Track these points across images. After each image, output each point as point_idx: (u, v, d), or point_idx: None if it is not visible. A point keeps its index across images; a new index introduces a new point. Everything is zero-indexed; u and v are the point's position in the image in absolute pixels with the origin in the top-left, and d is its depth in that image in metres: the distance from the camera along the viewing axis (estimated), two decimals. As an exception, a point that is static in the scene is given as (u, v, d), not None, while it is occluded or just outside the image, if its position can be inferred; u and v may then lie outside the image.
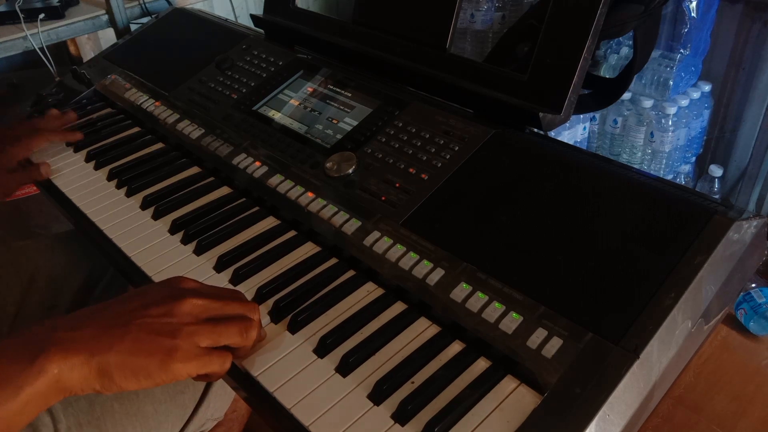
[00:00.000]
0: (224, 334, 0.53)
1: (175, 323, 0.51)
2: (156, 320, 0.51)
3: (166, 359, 0.50)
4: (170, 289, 0.54)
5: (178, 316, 0.52)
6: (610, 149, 1.73)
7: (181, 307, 0.52)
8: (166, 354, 0.50)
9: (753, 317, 1.20)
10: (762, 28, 1.52)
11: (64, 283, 0.93)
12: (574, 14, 0.69)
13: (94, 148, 0.93)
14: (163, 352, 0.50)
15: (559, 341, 0.52)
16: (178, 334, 0.51)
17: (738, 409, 0.73)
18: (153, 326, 0.50)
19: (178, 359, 0.50)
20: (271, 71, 0.95)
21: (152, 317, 0.51)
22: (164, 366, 0.50)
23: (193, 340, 0.51)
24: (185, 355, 0.50)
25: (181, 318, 0.52)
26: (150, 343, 0.50)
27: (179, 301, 0.53)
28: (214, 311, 0.54)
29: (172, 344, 0.50)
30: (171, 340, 0.50)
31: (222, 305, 0.55)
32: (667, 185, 0.63)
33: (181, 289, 0.54)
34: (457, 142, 0.72)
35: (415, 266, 0.62)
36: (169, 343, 0.50)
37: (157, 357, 0.49)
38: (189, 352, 0.51)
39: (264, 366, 0.57)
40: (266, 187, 0.77)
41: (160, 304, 0.52)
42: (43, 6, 1.35)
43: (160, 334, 0.50)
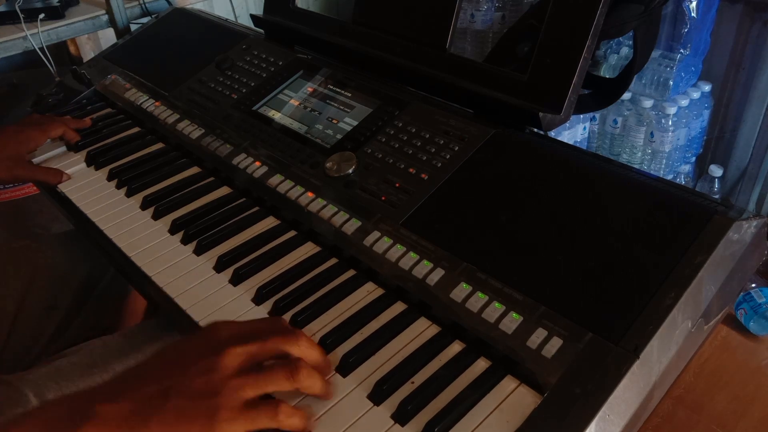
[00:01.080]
0: (269, 381, 0.50)
1: (216, 380, 0.48)
2: (196, 382, 0.47)
3: (209, 423, 0.46)
4: (209, 343, 0.50)
5: (218, 371, 0.48)
6: (610, 149, 1.73)
7: (222, 361, 0.48)
8: (208, 417, 0.46)
9: (753, 317, 1.20)
10: (762, 28, 1.52)
11: (64, 283, 0.93)
12: (574, 14, 0.69)
13: (94, 148, 0.93)
14: (204, 415, 0.46)
15: (559, 341, 0.52)
16: (221, 391, 0.47)
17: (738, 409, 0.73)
18: (193, 389, 0.47)
19: (221, 419, 0.46)
20: (271, 71, 0.95)
21: (192, 379, 0.48)
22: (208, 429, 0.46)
23: (236, 395, 0.48)
24: (229, 415, 0.47)
25: (223, 372, 0.48)
26: (191, 409, 0.46)
27: (219, 355, 0.49)
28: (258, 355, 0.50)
29: (215, 404, 0.47)
30: (213, 399, 0.47)
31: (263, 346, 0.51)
32: (667, 185, 0.63)
33: (219, 340, 0.50)
34: (457, 142, 0.72)
35: (415, 266, 0.62)
36: (210, 404, 0.47)
37: (199, 422, 0.46)
38: (234, 409, 0.47)
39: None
40: (266, 187, 0.77)
41: (199, 361, 0.49)
42: (43, 6, 1.35)
43: (200, 397, 0.47)
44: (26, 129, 0.92)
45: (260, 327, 0.53)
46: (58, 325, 0.91)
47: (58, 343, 0.90)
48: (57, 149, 0.95)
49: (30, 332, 0.89)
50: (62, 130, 0.95)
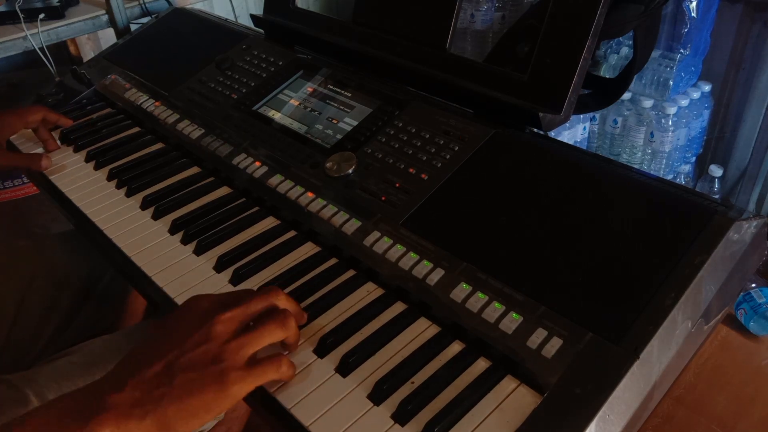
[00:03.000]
0: (265, 334, 0.52)
1: (214, 347, 0.49)
2: (196, 353, 0.49)
3: (221, 387, 0.48)
4: (195, 316, 0.52)
5: (214, 339, 0.50)
6: (610, 149, 1.73)
7: (214, 329, 0.50)
8: (218, 382, 0.48)
9: (753, 317, 1.20)
10: (762, 28, 1.52)
11: (64, 283, 0.93)
12: (574, 14, 0.69)
13: (94, 148, 0.93)
14: (214, 381, 0.48)
15: (559, 341, 0.52)
16: (222, 356, 0.49)
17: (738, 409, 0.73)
18: (195, 361, 0.48)
19: (231, 382, 0.48)
20: (271, 71, 0.95)
21: (191, 350, 0.49)
22: (221, 394, 0.48)
23: (238, 356, 0.49)
24: (237, 375, 0.49)
25: (218, 339, 0.50)
26: (199, 380, 0.48)
27: (209, 323, 0.50)
28: (244, 317, 0.52)
29: (220, 369, 0.48)
30: (217, 365, 0.48)
31: (247, 307, 0.53)
32: (667, 185, 0.63)
33: (204, 311, 0.52)
34: (457, 142, 0.72)
35: (415, 266, 0.62)
36: (216, 369, 0.48)
37: (211, 389, 0.48)
38: (239, 370, 0.49)
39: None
40: (266, 187, 0.77)
41: (192, 334, 0.50)
42: (43, 6, 1.35)
43: (205, 365, 0.48)
44: (2, 116, 0.91)
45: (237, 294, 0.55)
46: (58, 325, 0.91)
47: (58, 343, 0.90)
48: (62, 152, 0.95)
49: (30, 332, 0.89)
50: (41, 115, 0.93)
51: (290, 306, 0.57)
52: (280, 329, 0.53)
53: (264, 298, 0.55)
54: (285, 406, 0.53)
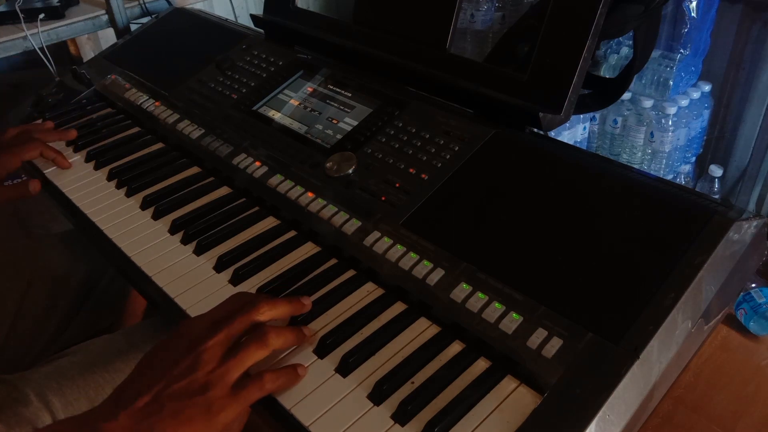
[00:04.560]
0: (245, 358, 0.52)
1: (200, 377, 0.50)
2: (183, 382, 0.50)
3: (208, 417, 0.49)
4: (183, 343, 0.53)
5: (201, 367, 0.51)
6: (610, 149, 1.73)
7: (201, 357, 0.51)
8: (205, 412, 0.49)
9: (753, 317, 1.20)
10: (762, 28, 1.52)
11: (64, 283, 0.93)
12: (574, 14, 0.69)
13: (94, 148, 0.93)
14: (201, 412, 0.49)
15: (559, 341, 0.52)
16: (208, 386, 0.50)
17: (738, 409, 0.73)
18: (183, 390, 0.50)
19: (217, 411, 0.49)
20: (271, 71, 0.95)
21: (178, 380, 0.50)
22: (209, 423, 0.49)
23: (223, 383, 0.51)
24: (223, 403, 0.50)
25: (204, 368, 0.51)
26: (187, 409, 0.49)
27: (196, 352, 0.52)
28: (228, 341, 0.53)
29: (207, 399, 0.49)
30: (204, 395, 0.49)
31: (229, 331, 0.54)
32: (667, 185, 0.63)
33: (193, 338, 0.53)
34: (457, 142, 0.72)
35: (415, 266, 0.62)
36: (203, 400, 0.49)
37: (199, 419, 0.49)
38: (225, 398, 0.50)
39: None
40: (266, 187, 0.77)
41: (180, 362, 0.51)
42: (43, 6, 1.35)
43: (192, 395, 0.49)
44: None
45: (226, 309, 0.56)
46: (58, 325, 0.91)
47: (58, 343, 0.90)
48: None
49: (30, 332, 0.89)
50: (38, 152, 0.88)
51: (275, 315, 0.57)
52: (261, 349, 0.54)
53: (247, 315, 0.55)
54: (285, 406, 0.53)
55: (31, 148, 0.88)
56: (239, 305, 0.56)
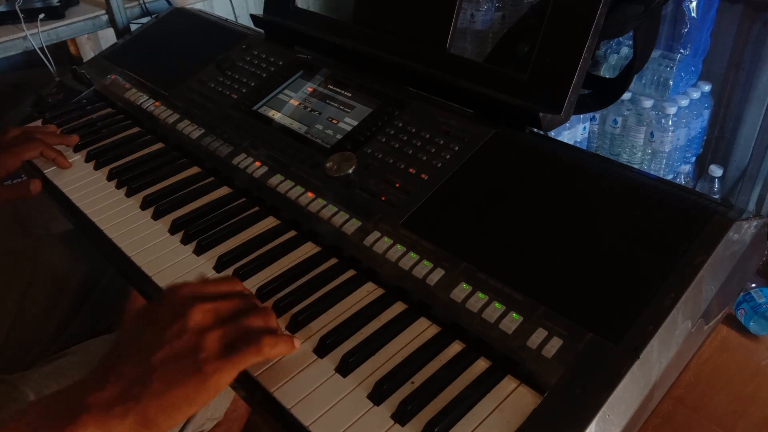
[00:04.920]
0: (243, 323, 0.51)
1: (192, 338, 0.49)
2: (173, 345, 0.48)
3: (201, 379, 0.47)
4: (173, 306, 0.52)
5: (192, 330, 0.49)
6: (610, 149, 1.73)
7: (191, 319, 0.50)
8: (197, 374, 0.47)
9: (753, 317, 1.20)
10: (762, 28, 1.52)
11: (64, 283, 0.93)
12: (574, 14, 0.69)
13: (94, 148, 0.93)
14: (194, 374, 0.47)
15: (559, 341, 0.52)
16: (201, 347, 0.48)
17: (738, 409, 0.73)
18: (173, 353, 0.48)
19: (210, 373, 0.48)
20: (271, 71, 0.95)
21: (168, 343, 0.48)
22: (202, 386, 0.47)
23: (216, 345, 0.49)
24: (215, 366, 0.48)
25: (195, 329, 0.49)
26: (178, 372, 0.47)
27: (187, 314, 0.50)
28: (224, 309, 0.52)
29: (199, 360, 0.48)
30: (195, 356, 0.48)
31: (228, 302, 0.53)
32: (667, 185, 0.63)
33: (183, 301, 0.52)
34: (457, 142, 0.72)
35: (415, 266, 0.62)
36: (195, 360, 0.48)
37: (192, 381, 0.47)
38: (217, 360, 0.48)
39: (263, 366, 0.57)
40: (266, 187, 0.77)
41: (170, 325, 0.49)
42: (43, 6, 1.35)
43: (183, 356, 0.48)
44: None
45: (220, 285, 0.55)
46: (58, 325, 0.91)
47: (58, 343, 0.90)
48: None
49: (30, 332, 0.89)
50: (38, 152, 0.88)
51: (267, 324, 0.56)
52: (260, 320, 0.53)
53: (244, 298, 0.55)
54: (285, 406, 0.53)
55: (31, 148, 0.88)
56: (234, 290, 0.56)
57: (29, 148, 0.88)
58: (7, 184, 0.88)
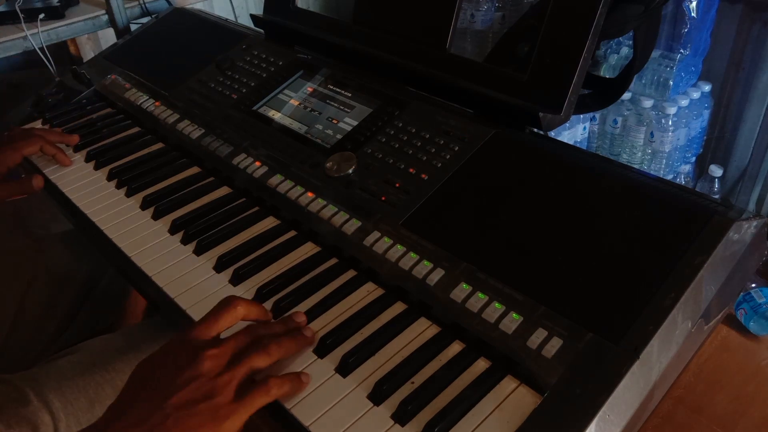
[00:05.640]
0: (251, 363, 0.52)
1: (205, 384, 0.50)
2: (187, 391, 0.49)
3: (215, 423, 0.48)
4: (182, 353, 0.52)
5: (204, 375, 0.50)
6: (610, 149, 1.73)
7: (202, 366, 0.51)
8: (213, 419, 0.48)
9: (753, 317, 1.20)
10: (762, 28, 1.52)
11: (64, 283, 0.93)
12: (574, 14, 0.69)
13: (94, 148, 0.93)
14: (208, 419, 0.48)
15: (559, 341, 0.52)
16: (213, 392, 0.49)
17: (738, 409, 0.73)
18: (187, 399, 0.49)
19: (223, 417, 0.49)
20: (271, 71, 0.95)
21: (182, 389, 0.49)
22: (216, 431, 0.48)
23: (228, 390, 0.50)
24: (229, 410, 0.49)
25: (208, 374, 0.50)
26: (193, 417, 0.48)
27: (198, 360, 0.51)
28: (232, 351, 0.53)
29: (213, 405, 0.49)
30: (209, 402, 0.49)
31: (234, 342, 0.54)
32: (667, 185, 0.63)
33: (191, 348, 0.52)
34: (457, 142, 0.72)
35: (415, 266, 0.62)
36: (209, 406, 0.49)
37: (206, 426, 0.48)
38: (231, 404, 0.50)
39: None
40: (266, 187, 0.77)
41: (183, 372, 0.50)
42: (43, 6, 1.35)
43: (197, 402, 0.49)
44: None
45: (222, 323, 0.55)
46: (58, 325, 0.91)
47: (58, 343, 0.90)
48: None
49: (30, 332, 0.89)
50: (38, 147, 0.89)
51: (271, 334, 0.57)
52: (264, 358, 0.53)
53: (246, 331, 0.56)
54: (285, 406, 0.53)
55: (31, 143, 0.89)
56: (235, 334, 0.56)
57: (29, 143, 0.89)
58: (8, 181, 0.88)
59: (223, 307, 0.56)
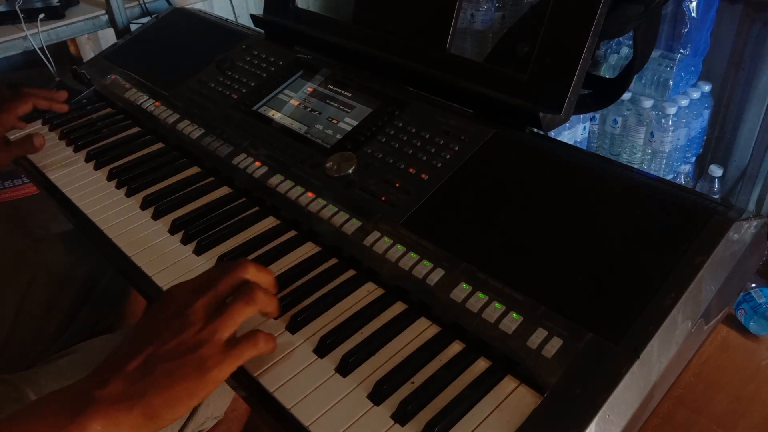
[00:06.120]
0: (234, 314, 0.52)
1: (190, 336, 0.51)
2: (174, 342, 0.50)
3: (201, 373, 0.49)
4: (171, 307, 0.53)
5: (190, 328, 0.51)
6: (610, 149, 1.73)
7: (189, 318, 0.51)
8: (199, 368, 0.49)
9: (753, 317, 1.20)
10: (762, 28, 1.52)
11: (64, 283, 0.93)
12: (574, 14, 0.69)
13: (94, 148, 0.93)
14: (195, 368, 0.49)
15: (559, 341, 0.52)
16: (200, 343, 0.50)
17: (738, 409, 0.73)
18: (174, 349, 0.50)
19: (211, 367, 0.49)
20: (271, 71, 0.95)
21: (169, 341, 0.50)
22: (202, 380, 0.49)
23: (213, 341, 0.51)
24: (216, 359, 0.50)
25: (194, 327, 0.51)
26: (180, 367, 0.49)
27: (184, 314, 0.52)
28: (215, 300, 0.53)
29: (199, 355, 0.49)
30: (195, 353, 0.50)
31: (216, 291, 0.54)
32: (667, 185, 0.63)
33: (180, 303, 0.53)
34: (457, 142, 0.72)
35: (415, 266, 0.62)
36: (195, 356, 0.49)
37: (193, 376, 0.49)
38: (217, 355, 0.50)
39: (263, 366, 0.57)
40: (266, 187, 0.77)
41: (170, 325, 0.51)
42: (43, 6, 1.35)
43: (184, 353, 0.50)
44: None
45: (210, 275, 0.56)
46: (58, 325, 0.91)
47: (58, 343, 0.90)
48: (56, 147, 0.95)
49: (30, 332, 0.89)
50: (31, 104, 0.90)
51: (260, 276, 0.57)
52: (249, 305, 0.54)
53: (231, 275, 0.55)
54: (285, 406, 0.53)
55: (24, 102, 0.90)
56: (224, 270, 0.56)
57: (23, 102, 0.90)
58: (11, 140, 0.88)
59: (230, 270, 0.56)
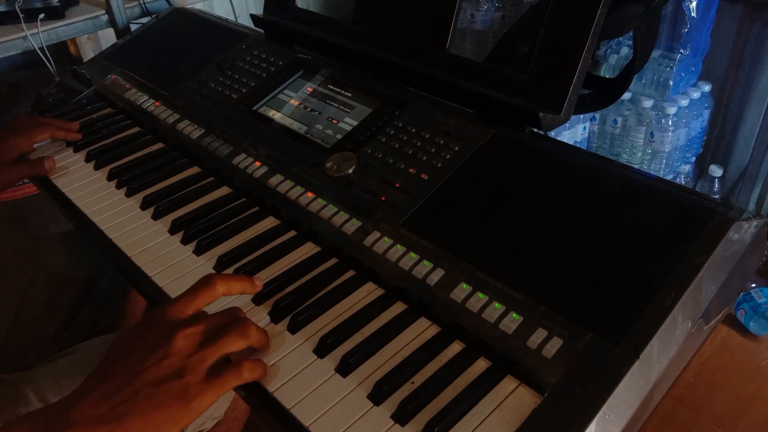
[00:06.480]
0: (225, 345, 0.52)
1: (176, 362, 0.50)
2: (157, 368, 0.50)
3: (183, 402, 0.49)
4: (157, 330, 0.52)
5: (176, 354, 0.50)
6: (610, 149, 1.73)
7: (175, 344, 0.51)
8: (181, 397, 0.49)
9: (753, 317, 1.20)
10: (762, 28, 1.52)
11: (64, 283, 0.93)
12: (574, 14, 0.69)
13: (94, 148, 0.93)
14: (177, 397, 0.49)
15: (559, 341, 0.52)
16: (184, 371, 0.50)
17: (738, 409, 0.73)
18: (157, 376, 0.49)
19: (193, 396, 0.49)
20: (271, 71, 0.95)
21: (153, 367, 0.50)
22: (184, 409, 0.49)
23: (198, 370, 0.50)
24: (198, 389, 0.50)
25: (180, 353, 0.51)
26: (162, 395, 0.48)
27: (171, 339, 0.51)
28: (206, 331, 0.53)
29: (182, 385, 0.49)
30: (179, 381, 0.49)
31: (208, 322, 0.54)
32: (667, 185, 0.63)
33: (166, 326, 0.53)
34: (457, 142, 0.72)
35: (415, 266, 0.62)
36: (178, 385, 0.49)
37: (174, 404, 0.48)
38: (200, 383, 0.50)
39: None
40: (266, 187, 0.77)
41: (154, 350, 0.51)
42: (43, 6, 1.35)
43: (166, 380, 0.49)
44: (11, 136, 0.90)
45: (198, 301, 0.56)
46: (58, 325, 0.91)
47: (58, 343, 0.90)
48: (56, 147, 0.95)
49: (30, 332, 0.89)
50: (49, 134, 0.93)
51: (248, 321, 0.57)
52: (241, 339, 0.54)
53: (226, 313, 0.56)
54: (285, 406, 0.53)
55: (42, 131, 0.92)
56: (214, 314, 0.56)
57: (40, 131, 0.92)
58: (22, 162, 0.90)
59: (201, 286, 0.56)
